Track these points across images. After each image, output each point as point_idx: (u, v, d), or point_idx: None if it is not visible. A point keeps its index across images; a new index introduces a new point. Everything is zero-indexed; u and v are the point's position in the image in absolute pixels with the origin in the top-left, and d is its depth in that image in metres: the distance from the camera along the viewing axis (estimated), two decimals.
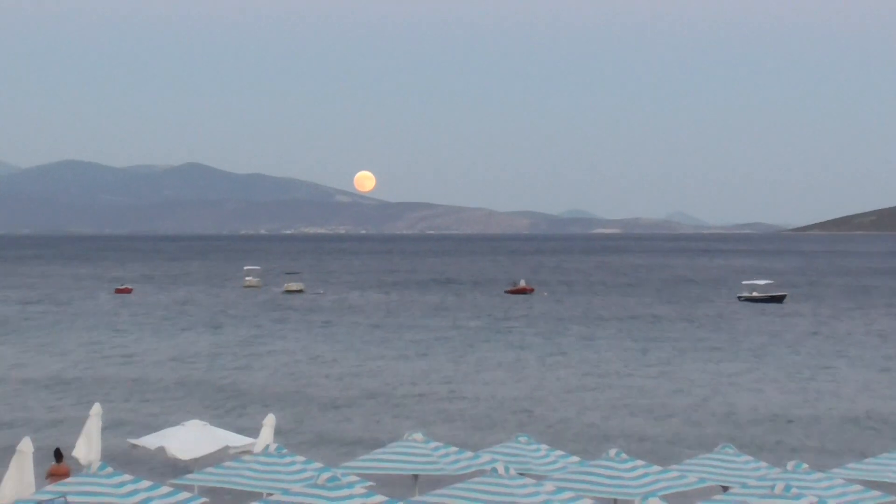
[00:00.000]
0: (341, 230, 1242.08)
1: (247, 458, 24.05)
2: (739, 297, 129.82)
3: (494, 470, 21.58)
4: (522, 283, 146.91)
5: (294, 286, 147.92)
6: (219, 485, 23.56)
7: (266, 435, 29.98)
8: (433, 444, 25.25)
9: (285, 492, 20.93)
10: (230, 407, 52.01)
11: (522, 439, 26.30)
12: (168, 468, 32.65)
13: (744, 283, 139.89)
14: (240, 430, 34.19)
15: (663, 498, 20.86)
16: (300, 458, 23.54)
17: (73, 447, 30.42)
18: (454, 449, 25.66)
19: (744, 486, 22.27)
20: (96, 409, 30.48)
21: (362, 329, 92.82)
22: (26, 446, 26.14)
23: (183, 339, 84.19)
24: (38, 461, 27.14)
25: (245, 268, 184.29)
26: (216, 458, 27.93)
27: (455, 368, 66.56)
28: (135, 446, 30.06)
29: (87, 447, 29.89)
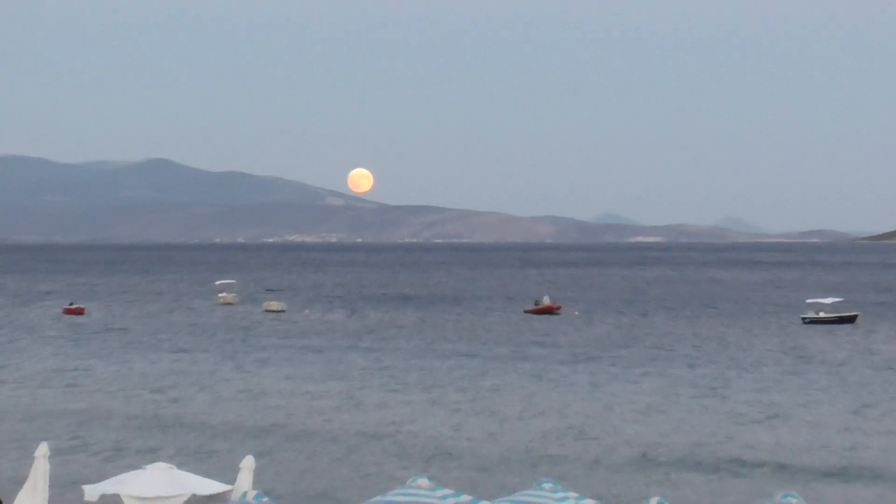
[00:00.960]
0: (333, 238, 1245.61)
1: None
2: (804, 319, 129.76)
3: None
4: (546, 301, 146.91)
5: (275, 305, 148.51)
6: None
7: (244, 480, 30.05)
8: (441, 492, 25.26)
9: None
10: (198, 446, 52.11)
11: (547, 486, 26.32)
12: None
13: (808, 301, 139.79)
14: (212, 475, 34.27)
15: None
16: None
17: (14, 495, 30.49)
18: (467, 498, 25.66)
19: None
20: (43, 449, 30.57)
21: (354, 355, 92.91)
22: None
23: (143, 366, 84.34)
24: None
25: (218, 282, 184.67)
26: None
27: (465, 402, 66.60)
28: (88, 494, 30.14)
29: (31, 495, 29.97)
